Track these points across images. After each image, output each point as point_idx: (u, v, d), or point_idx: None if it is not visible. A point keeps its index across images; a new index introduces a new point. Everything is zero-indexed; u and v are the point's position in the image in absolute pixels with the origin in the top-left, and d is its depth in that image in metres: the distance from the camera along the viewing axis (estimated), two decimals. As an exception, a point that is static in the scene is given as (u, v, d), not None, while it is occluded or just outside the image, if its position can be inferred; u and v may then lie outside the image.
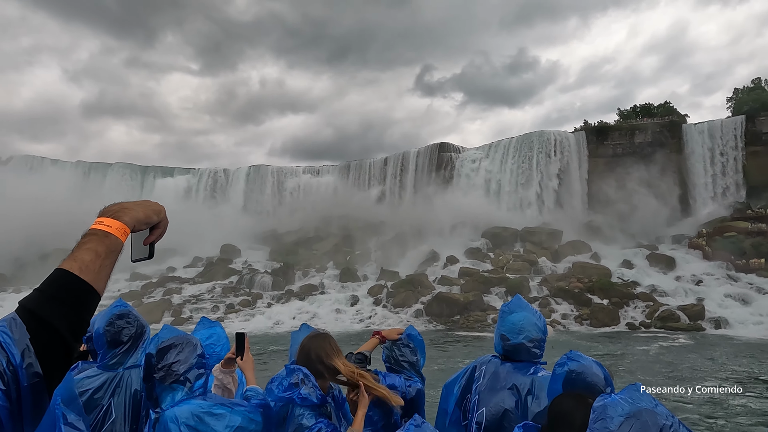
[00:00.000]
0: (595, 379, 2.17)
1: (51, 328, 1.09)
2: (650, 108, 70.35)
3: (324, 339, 2.84)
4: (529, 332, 2.69)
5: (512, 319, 2.76)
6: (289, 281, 45.19)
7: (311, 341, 2.82)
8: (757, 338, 27.20)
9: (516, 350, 2.71)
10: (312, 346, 2.78)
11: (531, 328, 2.69)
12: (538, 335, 2.71)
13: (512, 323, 2.74)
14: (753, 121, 57.33)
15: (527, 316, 2.74)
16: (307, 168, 75.33)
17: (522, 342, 2.69)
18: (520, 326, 2.70)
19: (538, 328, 2.70)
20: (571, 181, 61.16)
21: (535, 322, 2.73)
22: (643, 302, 34.87)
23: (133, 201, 1.47)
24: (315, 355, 2.72)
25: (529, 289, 38.66)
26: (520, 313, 2.76)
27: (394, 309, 37.10)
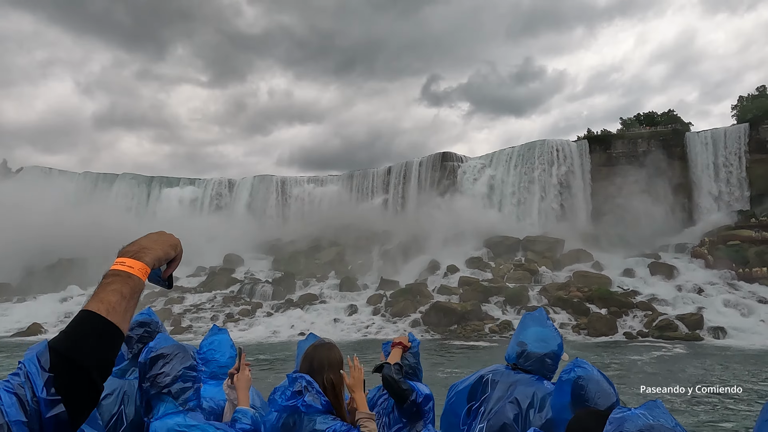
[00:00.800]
0: (602, 387, 2.16)
1: (79, 367, 1.12)
2: (654, 116, 70.22)
3: (328, 349, 2.84)
4: (551, 346, 2.68)
5: (537, 329, 2.73)
6: (290, 291, 45.46)
7: (315, 350, 2.83)
8: (756, 348, 26.91)
9: (533, 360, 2.67)
10: (315, 356, 2.77)
11: (552, 342, 2.69)
12: (557, 352, 2.71)
13: (536, 333, 2.71)
14: (757, 128, 56.94)
15: (550, 332, 2.74)
16: (311, 178, 75.88)
17: (542, 352, 2.66)
18: (543, 337, 2.69)
19: (558, 345, 2.71)
20: (573, 190, 61.02)
21: (556, 338, 2.74)
22: (642, 311, 34.64)
23: (150, 237, 1.49)
24: (318, 364, 2.72)
25: (528, 299, 38.59)
26: (544, 326, 2.75)
27: (392, 318, 37.18)
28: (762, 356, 24.19)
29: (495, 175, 63.60)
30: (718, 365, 21.21)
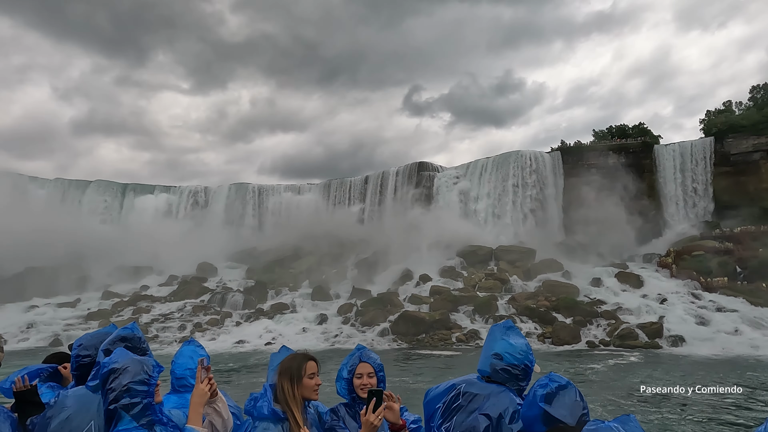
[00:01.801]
0: (573, 401, 2.19)
1: None
2: (625, 129, 71.81)
3: (290, 358, 2.95)
4: (523, 358, 2.69)
5: (508, 341, 2.73)
6: (261, 300, 45.25)
7: (283, 361, 2.96)
8: (708, 356, 27.64)
9: (505, 372, 2.67)
10: (282, 366, 2.92)
11: (525, 354, 2.70)
12: (529, 363, 2.72)
13: (508, 344, 2.71)
14: (722, 142, 58.75)
15: (521, 343, 2.74)
16: (288, 186, 75.77)
17: (514, 364, 2.67)
18: (515, 349, 2.69)
19: (530, 356, 2.73)
20: (546, 200, 62.05)
21: (528, 350, 2.74)
22: (605, 320, 35.29)
23: None
24: (277, 372, 2.90)
25: (496, 308, 39.03)
26: (517, 337, 2.77)
27: (362, 328, 37.25)
28: (713, 364, 24.88)
29: (470, 186, 64.36)
30: (665, 373, 21.78)
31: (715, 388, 17.73)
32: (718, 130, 59.75)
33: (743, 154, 57.55)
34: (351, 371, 3.16)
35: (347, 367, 3.18)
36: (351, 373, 3.15)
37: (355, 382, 3.12)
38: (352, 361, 3.18)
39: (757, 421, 14.42)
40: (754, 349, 29.20)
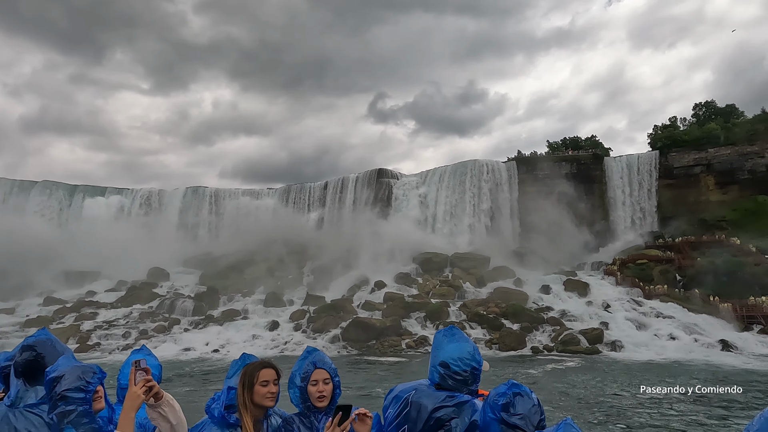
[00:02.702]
0: (531, 406, 2.23)
1: None
2: (578, 141, 74.34)
3: (249, 366, 2.93)
4: (470, 362, 2.70)
5: (455, 346, 2.73)
6: (213, 306, 44.36)
7: (244, 367, 2.95)
8: (643, 361, 28.83)
9: (454, 378, 2.68)
10: (241, 372, 2.92)
11: (471, 358, 2.71)
12: (477, 366, 2.73)
13: (454, 350, 2.71)
14: (666, 156, 61.67)
15: (467, 347, 2.74)
16: (246, 190, 74.75)
17: (464, 370, 2.68)
18: (462, 354, 2.69)
19: (476, 360, 2.73)
20: (501, 208, 63.45)
21: (474, 353, 2.75)
22: (551, 326, 36.31)
23: None
24: (239, 379, 2.88)
25: (447, 314, 39.54)
26: (461, 342, 2.76)
27: (313, 334, 37.02)
28: (645, 368, 25.99)
29: (428, 193, 65.15)
30: (596, 377, 22.64)
31: (636, 390, 18.53)
32: (662, 144, 62.70)
33: (685, 168, 60.57)
34: (305, 378, 2.95)
35: (300, 374, 2.97)
36: (305, 381, 2.95)
37: (310, 390, 2.92)
38: (306, 367, 2.97)
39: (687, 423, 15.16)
40: (687, 353, 30.66)
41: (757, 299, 39.29)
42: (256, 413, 2.82)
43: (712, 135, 60.21)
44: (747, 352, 31.21)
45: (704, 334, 34.43)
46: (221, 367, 30.05)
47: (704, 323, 36.54)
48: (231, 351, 33.57)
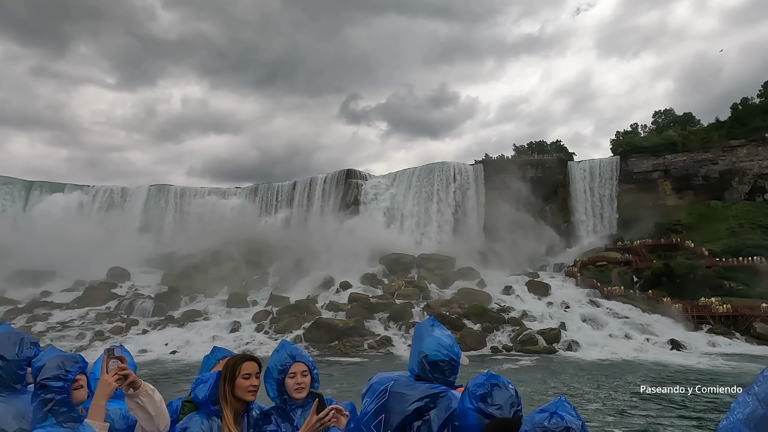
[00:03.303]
0: (509, 396, 2.26)
1: None
2: (544, 145, 75.97)
3: (231, 359, 2.87)
4: (449, 353, 2.71)
5: (434, 338, 2.74)
6: (173, 307, 43.49)
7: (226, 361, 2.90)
8: (596, 360, 29.68)
9: (434, 369, 2.69)
10: (223, 365, 2.86)
11: (449, 349, 2.71)
12: (455, 358, 2.74)
13: (433, 342, 2.72)
14: (626, 161, 63.68)
15: (447, 339, 2.76)
16: (212, 189, 73.58)
17: (442, 360, 2.68)
18: (441, 345, 2.70)
19: (455, 352, 2.73)
20: (468, 210, 64.31)
21: (453, 345, 2.75)
22: (511, 327, 36.99)
23: None
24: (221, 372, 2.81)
25: (411, 315, 39.80)
26: (439, 334, 2.77)
27: (276, 335, 36.72)
28: (595, 367, 26.76)
29: (396, 194, 65.45)
30: (545, 375, 23.23)
31: (577, 389, 19.04)
32: (623, 150, 64.70)
33: (644, 173, 62.67)
34: (283, 371, 2.90)
35: (278, 366, 2.92)
36: (283, 373, 2.90)
37: (288, 382, 2.88)
38: (284, 360, 2.92)
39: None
40: (639, 353, 31.70)
41: (707, 300, 40.92)
42: (237, 406, 2.78)
43: (669, 142, 62.49)
44: (695, 351, 32.49)
45: (656, 334, 35.68)
46: (179, 368, 29.51)
47: (657, 323, 37.85)
48: (190, 353, 33.03)
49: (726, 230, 52.99)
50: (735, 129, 59.98)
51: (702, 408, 16.59)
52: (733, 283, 44.11)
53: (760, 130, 57.91)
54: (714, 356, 30.44)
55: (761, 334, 36.27)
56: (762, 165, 57.50)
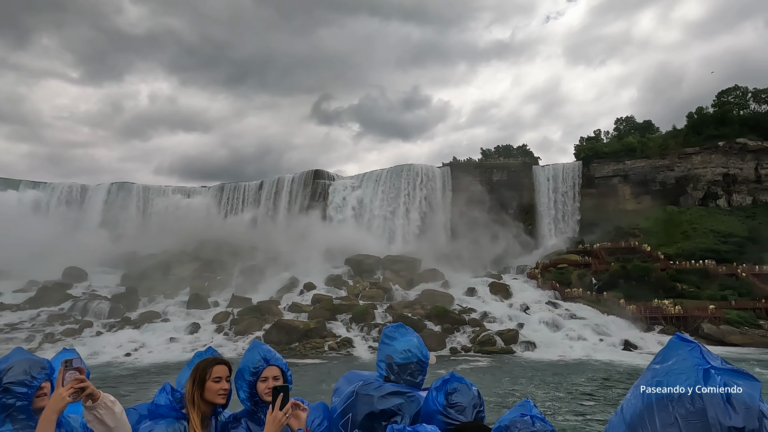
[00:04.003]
0: (472, 397, 2.29)
1: None
2: (510, 149, 77.29)
3: (201, 362, 2.77)
4: (416, 354, 2.74)
5: (400, 341, 2.78)
6: (131, 308, 42.41)
7: (195, 364, 2.78)
8: (552, 360, 30.36)
9: (403, 370, 2.72)
10: (192, 369, 2.74)
11: (416, 351, 2.74)
12: (423, 359, 2.77)
13: (401, 344, 2.76)
14: (588, 166, 65.35)
15: (414, 340, 2.79)
16: (177, 188, 72.10)
17: (409, 362, 2.72)
18: (408, 347, 2.74)
19: (422, 353, 2.77)
20: (435, 212, 64.84)
21: (420, 346, 2.79)
22: (471, 328, 37.46)
23: None
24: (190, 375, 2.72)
25: (373, 316, 39.87)
26: (406, 336, 2.80)
27: (235, 337, 36.24)
28: (548, 367, 27.38)
29: (363, 195, 65.48)
30: (497, 375, 23.66)
31: (523, 388, 19.44)
32: (586, 155, 66.39)
33: (605, 178, 64.46)
34: (255, 374, 2.81)
35: (250, 368, 2.82)
36: (255, 376, 2.81)
37: (260, 387, 2.79)
38: (257, 363, 2.82)
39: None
40: (592, 353, 32.55)
41: (660, 302, 42.36)
42: (205, 410, 2.71)
43: (629, 148, 64.47)
44: (645, 351, 33.56)
45: (611, 335, 36.71)
46: (131, 372, 28.79)
47: (612, 324, 38.94)
48: (144, 355, 32.29)
49: (680, 234, 55.02)
50: (690, 137, 62.33)
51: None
52: (684, 286, 45.82)
53: (714, 139, 60.36)
54: (662, 356, 31.52)
55: (708, 334, 37.75)
56: (715, 172, 59.91)
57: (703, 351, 1.38)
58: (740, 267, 47.32)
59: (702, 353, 1.37)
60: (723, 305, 40.87)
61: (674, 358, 1.40)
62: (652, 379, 1.39)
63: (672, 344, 1.44)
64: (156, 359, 31.11)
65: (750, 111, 63.73)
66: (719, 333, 37.61)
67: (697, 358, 1.36)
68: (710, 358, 1.36)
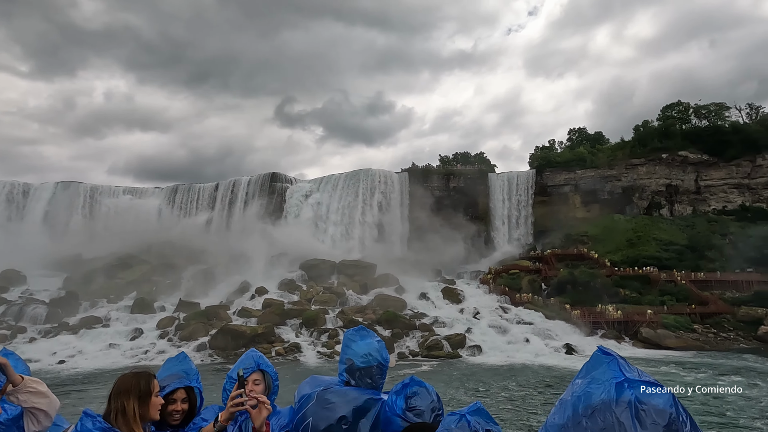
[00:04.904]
0: (431, 400, 2.29)
1: None
2: (468, 156, 78.65)
3: (134, 376, 2.61)
4: (376, 358, 2.73)
5: (360, 344, 2.78)
6: (71, 313, 40.65)
7: (124, 379, 2.59)
8: (495, 364, 30.90)
9: (364, 374, 2.72)
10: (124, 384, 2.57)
11: (377, 354, 2.75)
12: (383, 362, 2.77)
13: (362, 348, 2.76)
14: (541, 175, 67.23)
15: (373, 344, 2.79)
16: (128, 189, 69.79)
17: (369, 366, 2.72)
18: (368, 351, 2.75)
19: (382, 356, 2.76)
20: (392, 218, 65.15)
21: (380, 350, 2.78)
22: (421, 333, 37.73)
23: None
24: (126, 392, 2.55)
25: (324, 321, 39.61)
26: (367, 340, 2.80)
27: (179, 343, 35.23)
28: (489, 371, 27.89)
29: (321, 200, 65.15)
30: (438, 379, 23.96)
31: (456, 391, 19.72)
32: (539, 164, 68.31)
33: (557, 187, 66.43)
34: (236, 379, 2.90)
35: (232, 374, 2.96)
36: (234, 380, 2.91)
37: None
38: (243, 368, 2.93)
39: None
40: (535, 357, 33.30)
41: (603, 307, 43.87)
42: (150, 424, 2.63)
43: (580, 158, 66.72)
44: (585, 355, 34.58)
45: (555, 339, 37.70)
46: (64, 379, 27.56)
47: (557, 329, 40.03)
48: (80, 362, 30.99)
49: (626, 242, 57.21)
50: (637, 149, 65.09)
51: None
52: (627, 291, 47.65)
53: (658, 151, 63.22)
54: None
55: (646, 338, 39.36)
56: (658, 183, 62.71)
57: (620, 364, 1.42)
58: (679, 274, 49.59)
59: (619, 366, 1.40)
60: (660, 310, 42.73)
61: (594, 371, 1.44)
62: (572, 393, 1.43)
63: (593, 358, 1.49)
64: (92, 366, 29.91)
65: (691, 125, 67.14)
66: (656, 337, 39.26)
67: (614, 371, 1.39)
68: (626, 370, 1.39)
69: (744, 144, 61.90)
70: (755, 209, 59.12)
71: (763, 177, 61.30)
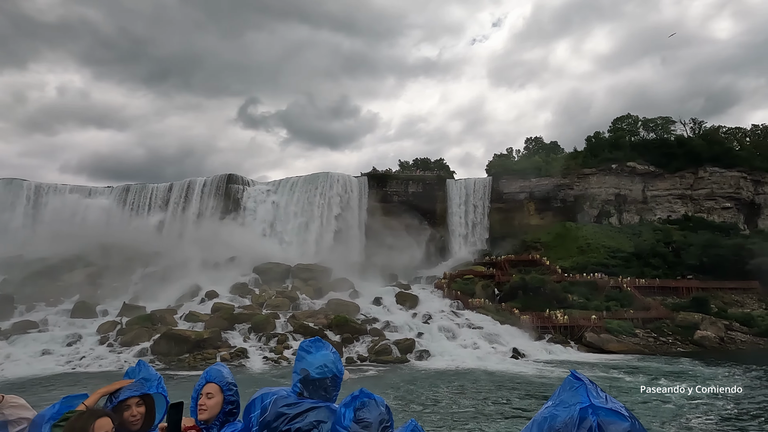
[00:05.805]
0: (380, 413, 2.30)
1: None
2: (428, 162, 79.39)
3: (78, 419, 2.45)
4: (330, 369, 2.72)
5: (316, 355, 2.76)
6: (4, 317, 38.54)
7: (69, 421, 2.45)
8: (442, 368, 31.14)
9: (318, 386, 2.70)
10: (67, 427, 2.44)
11: (332, 366, 2.74)
12: (338, 374, 2.76)
13: (317, 359, 2.74)
14: (498, 182, 68.56)
15: (329, 356, 2.77)
16: (75, 187, 67.06)
17: (323, 377, 2.69)
18: (323, 362, 2.73)
19: (337, 368, 2.76)
20: (350, 222, 64.99)
21: (335, 362, 2.78)
22: (371, 337, 37.66)
23: None
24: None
25: (274, 326, 39.00)
26: (322, 351, 2.78)
27: (120, 348, 33.97)
28: (435, 375, 28.09)
29: (278, 202, 64.35)
30: (387, 384, 24.01)
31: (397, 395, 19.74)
32: (496, 171, 69.65)
33: (513, 194, 67.86)
34: (197, 390, 2.90)
35: (196, 387, 2.94)
36: (197, 392, 2.90)
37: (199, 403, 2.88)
38: (200, 381, 2.91)
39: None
40: (481, 361, 33.73)
41: (552, 312, 44.94)
42: None
43: (535, 167, 68.42)
44: (532, 359, 35.35)
45: (503, 343, 38.33)
46: (-11, 387, 26.09)
47: (506, 333, 40.72)
48: (10, 369, 29.40)
49: (576, 249, 58.93)
50: (588, 159, 67.27)
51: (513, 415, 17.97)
52: (575, 297, 48.98)
53: (608, 162, 65.56)
54: (545, 363, 33.33)
55: (591, 342, 40.55)
56: (608, 192, 64.99)
57: (588, 389, 1.45)
58: (625, 280, 51.42)
59: (587, 391, 1.44)
60: (604, 315, 44.14)
61: (564, 395, 1.48)
62: (542, 417, 1.46)
63: (565, 383, 1.52)
64: (21, 373, 28.42)
65: (640, 138, 69.96)
66: (599, 341, 40.51)
67: (581, 396, 1.43)
68: (593, 396, 1.42)
69: (687, 157, 64.99)
70: (697, 219, 62.09)
71: (704, 188, 64.46)
